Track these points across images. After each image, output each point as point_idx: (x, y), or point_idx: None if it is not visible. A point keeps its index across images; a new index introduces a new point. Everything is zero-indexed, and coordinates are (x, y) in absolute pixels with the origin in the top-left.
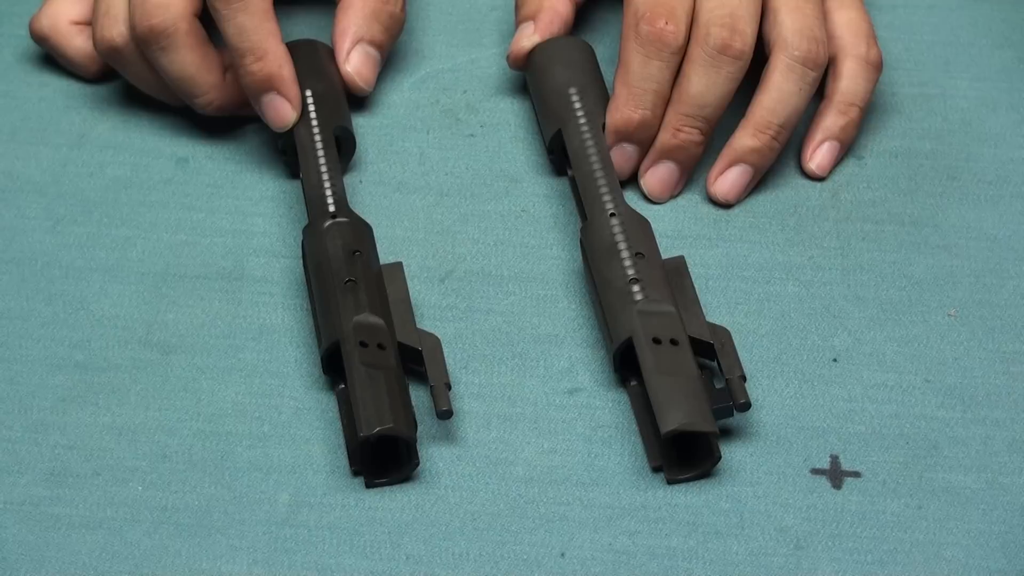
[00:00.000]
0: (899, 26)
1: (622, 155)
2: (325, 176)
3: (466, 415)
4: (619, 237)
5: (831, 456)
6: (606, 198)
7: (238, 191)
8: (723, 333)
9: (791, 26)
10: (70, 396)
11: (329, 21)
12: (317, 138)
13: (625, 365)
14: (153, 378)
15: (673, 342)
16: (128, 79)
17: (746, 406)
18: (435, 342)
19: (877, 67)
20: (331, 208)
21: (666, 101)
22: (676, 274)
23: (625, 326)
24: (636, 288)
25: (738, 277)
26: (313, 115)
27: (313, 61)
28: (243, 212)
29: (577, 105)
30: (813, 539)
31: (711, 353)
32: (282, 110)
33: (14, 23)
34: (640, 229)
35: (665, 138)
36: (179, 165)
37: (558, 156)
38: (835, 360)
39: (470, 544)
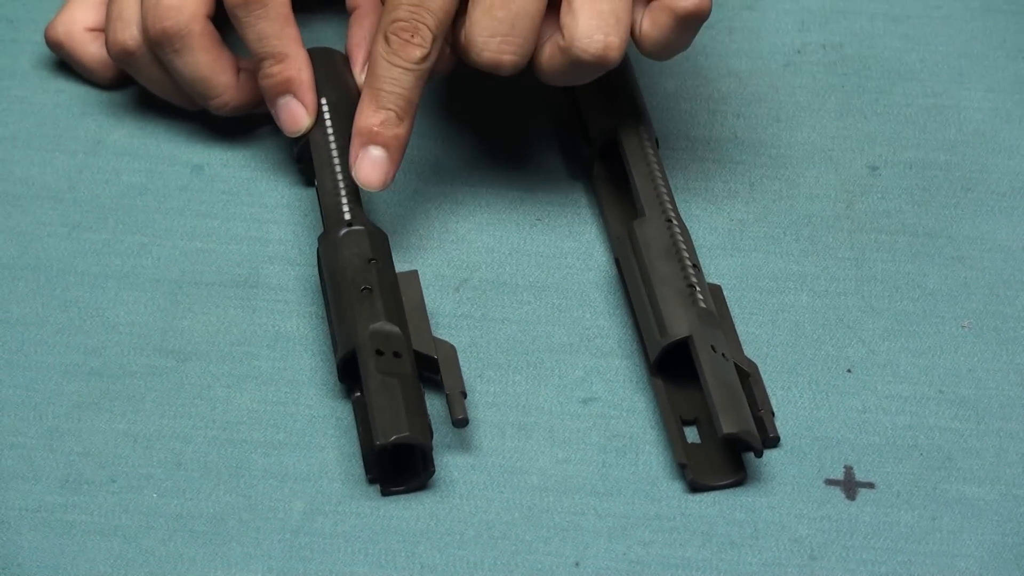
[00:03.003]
0: (913, 36)
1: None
2: (341, 183)
3: (481, 424)
4: (680, 243)
5: (845, 467)
6: (667, 204)
7: (253, 198)
8: (753, 366)
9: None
10: (85, 403)
11: (345, 28)
12: (332, 145)
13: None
14: (168, 385)
15: (725, 356)
16: (142, 83)
17: (776, 440)
18: (451, 351)
19: None
20: (347, 216)
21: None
22: (716, 300)
23: (684, 324)
24: (699, 294)
25: (752, 287)
26: (328, 122)
27: (329, 69)
28: (258, 219)
29: (635, 108)
30: (827, 550)
31: (744, 383)
32: (297, 114)
33: (30, 29)
34: (690, 242)
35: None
36: (194, 172)
37: (593, 150)
38: (849, 371)
39: (485, 553)
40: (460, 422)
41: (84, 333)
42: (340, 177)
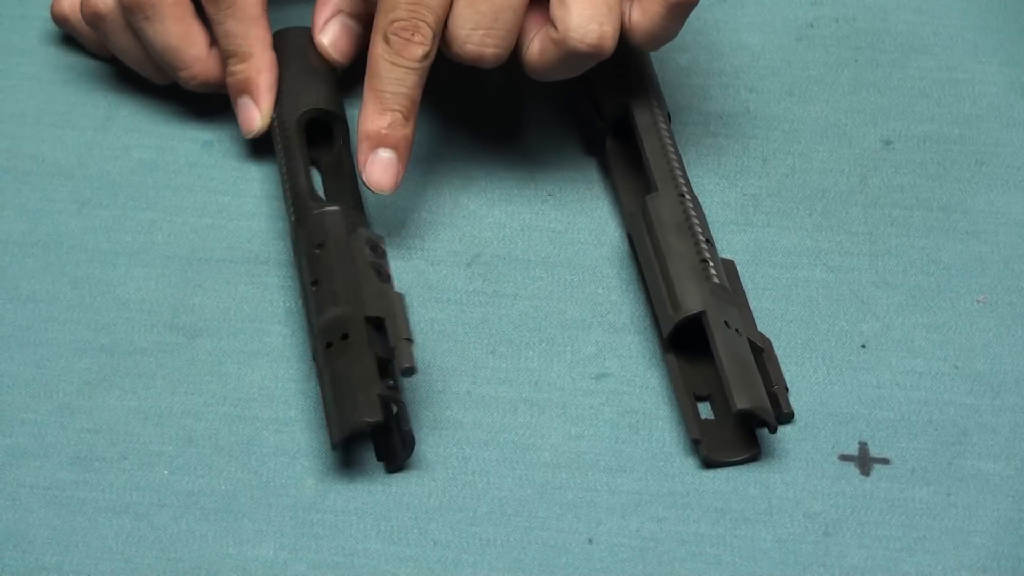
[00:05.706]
0: (927, 9)
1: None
2: (286, 179)
3: (493, 400)
4: (693, 218)
5: (860, 443)
6: (680, 179)
7: (264, 174)
8: (767, 342)
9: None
10: (96, 380)
11: None
12: (278, 139)
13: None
14: (179, 362)
15: (738, 332)
16: (113, 51)
17: (790, 416)
18: (395, 301)
19: None
20: (292, 216)
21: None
22: (729, 275)
23: (698, 300)
24: (712, 269)
25: (766, 263)
26: (274, 117)
27: (301, 46)
28: (269, 195)
29: (647, 84)
30: (842, 526)
31: (758, 358)
32: (251, 117)
33: (38, 5)
34: (703, 218)
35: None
36: (205, 148)
37: (606, 125)
38: (863, 346)
39: (497, 530)
40: (407, 371)
41: (94, 310)
42: (285, 172)
